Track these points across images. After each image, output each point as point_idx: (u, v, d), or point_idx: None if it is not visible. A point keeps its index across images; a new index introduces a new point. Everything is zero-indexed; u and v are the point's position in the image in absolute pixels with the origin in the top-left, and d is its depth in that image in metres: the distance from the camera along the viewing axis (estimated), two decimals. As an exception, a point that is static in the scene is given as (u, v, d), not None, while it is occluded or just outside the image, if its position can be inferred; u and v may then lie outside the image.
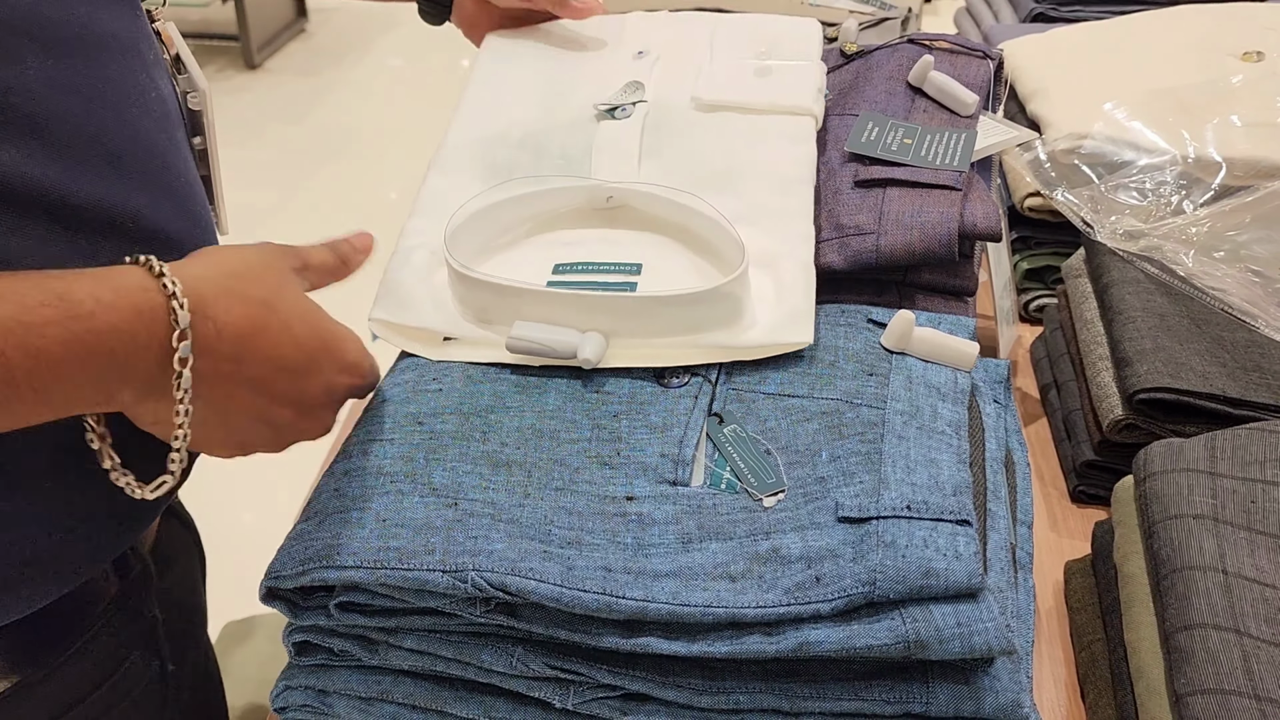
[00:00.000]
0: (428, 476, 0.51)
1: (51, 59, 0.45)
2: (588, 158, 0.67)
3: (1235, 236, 0.73)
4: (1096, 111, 0.87)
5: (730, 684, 0.44)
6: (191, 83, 0.61)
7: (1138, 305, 0.70)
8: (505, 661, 0.46)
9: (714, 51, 0.76)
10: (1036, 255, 0.92)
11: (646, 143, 0.68)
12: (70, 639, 0.55)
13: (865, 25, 1.04)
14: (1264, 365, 0.65)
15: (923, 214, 0.61)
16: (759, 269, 0.58)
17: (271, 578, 0.48)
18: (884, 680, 0.43)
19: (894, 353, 0.54)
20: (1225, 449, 0.56)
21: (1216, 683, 0.46)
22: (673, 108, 0.71)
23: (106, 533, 0.54)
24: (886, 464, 0.47)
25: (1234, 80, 0.88)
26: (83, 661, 0.56)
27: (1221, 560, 0.51)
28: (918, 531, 0.43)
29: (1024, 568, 0.53)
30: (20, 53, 0.44)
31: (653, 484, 0.49)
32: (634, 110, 0.70)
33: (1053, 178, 0.82)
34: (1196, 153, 0.82)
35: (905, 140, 0.67)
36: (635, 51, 0.77)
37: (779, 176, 0.64)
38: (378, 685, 0.50)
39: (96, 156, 0.48)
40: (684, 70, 0.74)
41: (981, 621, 0.40)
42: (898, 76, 0.75)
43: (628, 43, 0.78)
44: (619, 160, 0.66)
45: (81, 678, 0.56)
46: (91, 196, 0.47)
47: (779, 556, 0.44)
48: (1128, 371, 0.66)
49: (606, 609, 0.43)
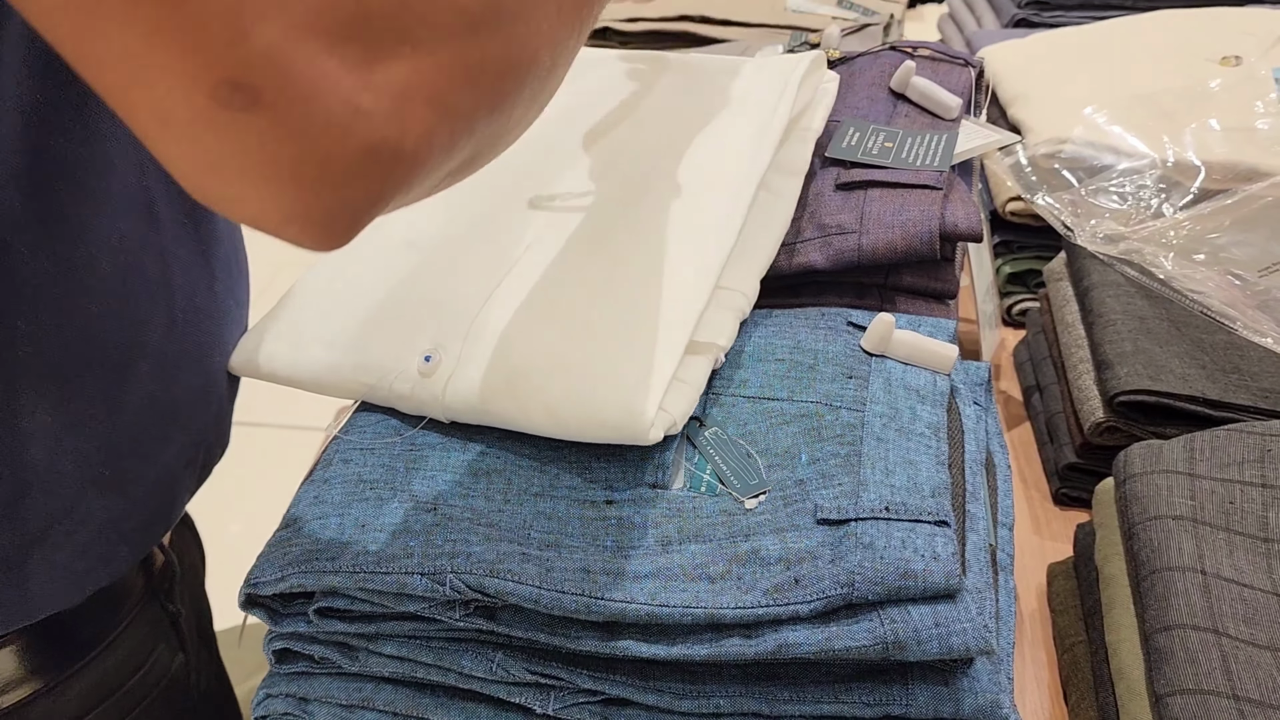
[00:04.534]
0: (407, 484, 0.51)
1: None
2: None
3: (1214, 239, 0.74)
4: (1077, 116, 0.88)
5: (710, 688, 0.44)
6: None
7: (1118, 308, 0.71)
8: (485, 667, 0.46)
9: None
10: (1019, 259, 0.92)
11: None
12: (104, 633, 0.57)
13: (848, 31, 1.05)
14: (1243, 367, 0.66)
15: (904, 213, 0.61)
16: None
17: (250, 584, 0.48)
18: (864, 683, 0.43)
19: (874, 355, 0.55)
20: (1204, 450, 0.57)
21: (1195, 683, 0.46)
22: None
23: (151, 527, 0.56)
24: (865, 466, 0.47)
25: (1212, 85, 0.89)
26: (114, 655, 0.58)
27: (1200, 561, 0.51)
28: (896, 533, 0.43)
29: (1004, 569, 0.53)
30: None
31: (632, 488, 0.49)
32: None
33: (1033, 182, 0.82)
34: (1176, 157, 0.82)
35: (886, 144, 0.67)
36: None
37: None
38: (358, 692, 0.50)
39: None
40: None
41: (959, 622, 0.40)
42: (880, 83, 0.76)
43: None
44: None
45: (112, 671, 0.58)
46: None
47: (758, 558, 0.44)
48: (1108, 374, 0.66)
49: (585, 610, 0.43)
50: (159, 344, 0.52)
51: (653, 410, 0.48)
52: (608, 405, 0.49)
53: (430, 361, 0.54)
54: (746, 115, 0.63)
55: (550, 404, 0.50)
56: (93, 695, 0.57)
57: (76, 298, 0.47)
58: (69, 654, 0.55)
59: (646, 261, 0.55)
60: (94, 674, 0.56)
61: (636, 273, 0.54)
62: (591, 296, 0.54)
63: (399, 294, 0.58)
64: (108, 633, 0.57)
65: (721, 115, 0.64)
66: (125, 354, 0.50)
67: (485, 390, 0.52)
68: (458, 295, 0.57)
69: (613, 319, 0.52)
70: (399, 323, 0.57)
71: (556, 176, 0.62)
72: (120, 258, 0.49)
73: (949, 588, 0.41)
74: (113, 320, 0.49)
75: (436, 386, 0.53)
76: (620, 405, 0.48)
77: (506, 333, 0.54)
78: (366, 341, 0.57)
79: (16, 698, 0.53)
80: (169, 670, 0.62)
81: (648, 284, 0.54)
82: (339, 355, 0.57)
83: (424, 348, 0.55)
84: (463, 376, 0.53)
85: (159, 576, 0.62)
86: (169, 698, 0.62)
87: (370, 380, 0.55)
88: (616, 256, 0.56)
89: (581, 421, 0.50)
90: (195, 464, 0.59)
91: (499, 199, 0.62)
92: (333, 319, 0.58)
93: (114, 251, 0.48)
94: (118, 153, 0.47)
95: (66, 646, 0.55)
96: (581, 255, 0.57)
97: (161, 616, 0.62)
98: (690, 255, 0.55)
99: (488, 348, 0.53)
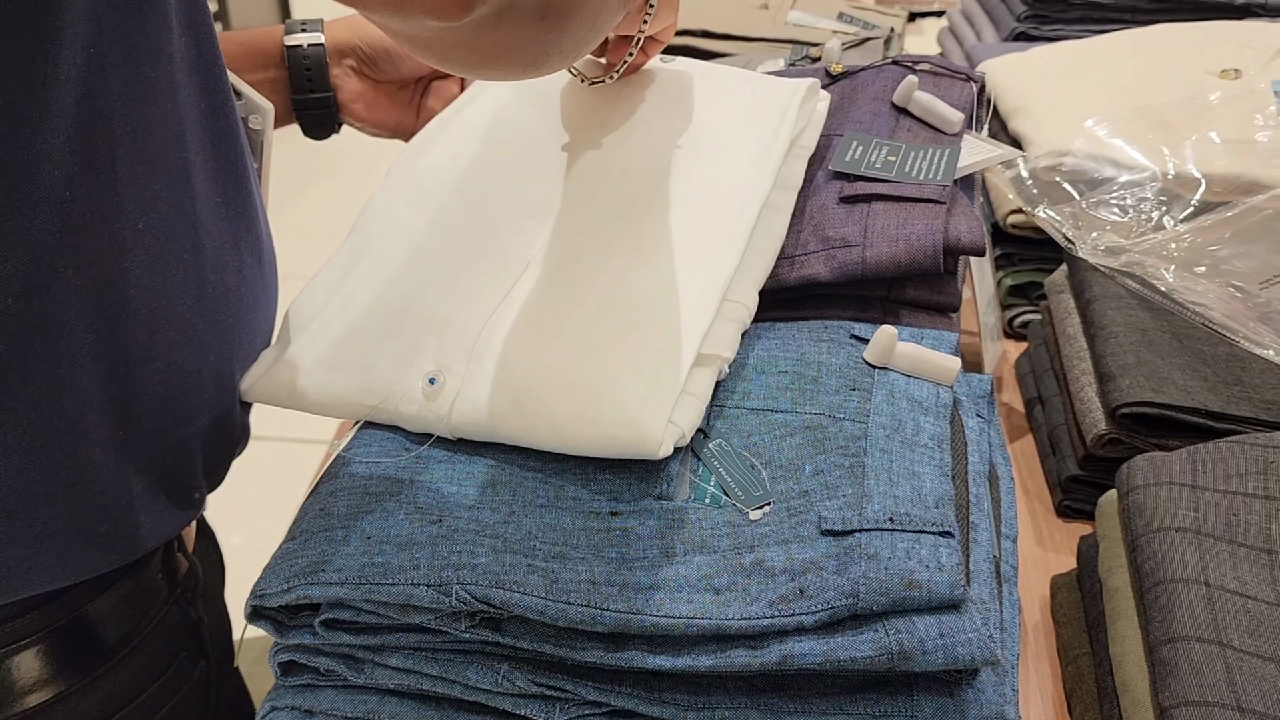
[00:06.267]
0: (413, 496, 0.51)
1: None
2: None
3: (1215, 252, 0.74)
4: (1077, 129, 0.88)
5: (716, 699, 0.44)
6: (252, 105, 0.62)
7: (1119, 320, 0.71)
8: (491, 679, 0.46)
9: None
10: (1020, 271, 0.93)
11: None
12: (128, 638, 0.57)
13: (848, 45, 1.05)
14: (1245, 379, 0.66)
15: (908, 226, 0.61)
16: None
17: (257, 596, 0.48)
18: (869, 694, 0.43)
19: (876, 368, 0.55)
20: (1207, 462, 0.57)
21: (1200, 695, 0.47)
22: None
23: (166, 514, 0.57)
24: (869, 477, 0.47)
25: (1212, 97, 0.90)
26: (137, 659, 0.58)
27: (1204, 573, 0.51)
28: (900, 543, 0.43)
29: (1009, 581, 0.53)
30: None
31: (637, 500, 0.49)
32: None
33: (1035, 194, 0.83)
34: (1176, 169, 0.83)
35: (889, 158, 0.68)
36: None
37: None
38: (364, 705, 0.50)
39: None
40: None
41: (964, 632, 0.40)
42: (883, 97, 0.76)
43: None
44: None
45: (135, 676, 0.58)
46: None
47: (763, 569, 0.44)
48: (1110, 386, 0.67)
49: (591, 621, 0.43)
50: (187, 315, 0.53)
51: (663, 425, 0.48)
52: (617, 422, 0.49)
53: (435, 384, 0.54)
54: (749, 135, 0.64)
55: (558, 422, 0.50)
56: (115, 700, 0.57)
57: (108, 250, 0.48)
58: (92, 657, 0.55)
59: (650, 277, 0.55)
60: (117, 678, 0.57)
61: (640, 288, 0.55)
62: (595, 313, 0.54)
63: (400, 312, 0.59)
64: (132, 637, 0.57)
65: (724, 135, 0.65)
66: (154, 317, 0.51)
67: (492, 411, 0.52)
68: (459, 313, 0.57)
69: (618, 335, 0.53)
70: (401, 343, 0.57)
71: (556, 192, 0.63)
72: (153, 216, 0.49)
73: (954, 598, 0.41)
74: (143, 278, 0.50)
75: (442, 408, 0.54)
76: (629, 421, 0.49)
77: (511, 351, 0.54)
78: (369, 363, 0.57)
79: (39, 700, 0.53)
80: (191, 677, 0.63)
81: (653, 299, 0.54)
82: (342, 378, 0.57)
83: (428, 369, 0.55)
84: (468, 397, 0.53)
85: (182, 582, 0.62)
86: (190, 705, 0.62)
87: (374, 403, 0.55)
88: (619, 272, 0.56)
89: (590, 439, 0.50)
90: (214, 449, 0.59)
91: (499, 214, 0.62)
92: (334, 340, 0.58)
93: (146, 207, 0.49)
94: (158, 118, 0.49)
95: (90, 650, 0.55)
96: (584, 271, 0.57)
97: (184, 623, 0.62)
98: (696, 271, 0.55)
99: (492, 367, 0.54)
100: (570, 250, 0.58)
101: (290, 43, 0.80)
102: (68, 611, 0.53)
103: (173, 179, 0.51)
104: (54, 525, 0.50)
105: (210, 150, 0.54)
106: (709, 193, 0.60)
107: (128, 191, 0.48)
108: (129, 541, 0.54)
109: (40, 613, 0.52)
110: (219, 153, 0.55)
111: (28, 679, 0.53)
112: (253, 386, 0.59)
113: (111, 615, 0.56)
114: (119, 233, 0.48)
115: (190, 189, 0.52)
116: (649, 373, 0.50)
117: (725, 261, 0.55)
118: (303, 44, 0.80)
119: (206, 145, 0.54)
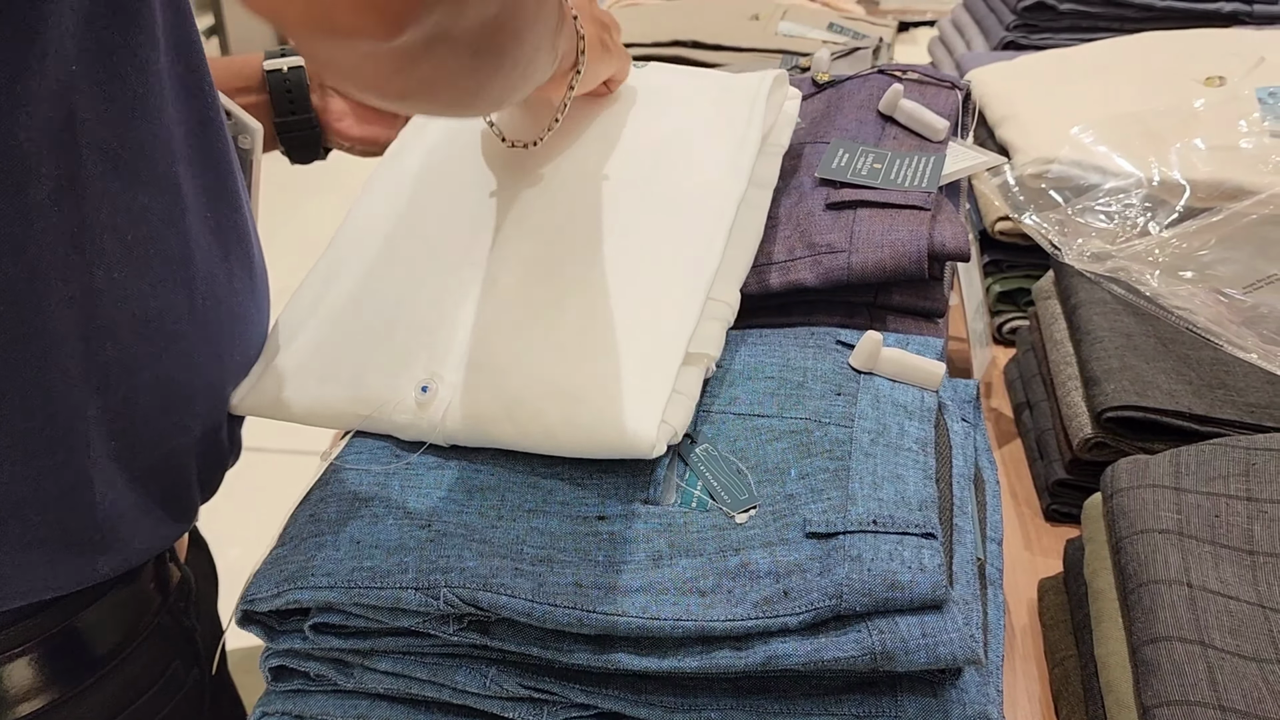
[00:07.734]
0: (402, 501, 0.52)
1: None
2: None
3: (1200, 257, 0.75)
4: (1064, 136, 0.89)
5: (702, 700, 0.45)
6: (241, 125, 0.63)
7: (1105, 325, 0.71)
8: (479, 682, 0.47)
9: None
10: (1008, 278, 0.93)
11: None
12: (121, 646, 0.57)
13: (838, 55, 1.06)
14: (1228, 382, 0.67)
15: (893, 233, 0.62)
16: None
17: (247, 601, 0.49)
18: (853, 694, 0.44)
19: (862, 373, 0.55)
20: (1190, 465, 0.57)
21: (1182, 694, 0.47)
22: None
23: (158, 525, 0.57)
24: (854, 480, 0.48)
25: (1197, 105, 0.90)
26: (131, 667, 0.58)
27: (1186, 574, 0.52)
28: (883, 545, 0.44)
29: (993, 583, 0.54)
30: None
31: (624, 504, 0.50)
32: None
33: (1021, 201, 0.83)
34: (1161, 176, 0.83)
35: (875, 165, 0.68)
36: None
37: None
38: (354, 709, 0.50)
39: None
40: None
41: (946, 632, 0.41)
42: (869, 105, 0.77)
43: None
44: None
45: (128, 685, 0.58)
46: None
47: (748, 572, 0.45)
48: (1096, 391, 0.67)
49: (578, 623, 0.44)
50: (178, 326, 0.53)
51: (655, 424, 0.49)
52: (609, 423, 0.50)
53: (427, 392, 0.55)
54: (720, 135, 0.65)
55: (550, 425, 0.51)
56: (108, 708, 0.57)
57: (97, 261, 0.48)
58: (85, 666, 0.56)
59: (635, 279, 0.56)
60: (111, 686, 0.57)
61: (626, 291, 0.55)
62: (583, 317, 0.55)
63: (386, 321, 0.59)
64: (124, 646, 0.57)
65: (697, 134, 0.65)
66: (145, 329, 0.51)
67: (485, 417, 0.53)
68: (446, 319, 0.58)
69: (607, 338, 0.53)
70: (390, 352, 0.57)
71: (537, 197, 0.63)
72: (142, 229, 0.50)
73: (936, 599, 0.42)
74: (133, 290, 0.50)
75: (435, 415, 0.54)
76: (621, 422, 0.49)
77: (501, 357, 0.54)
78: (359, 374, 0.57)
79: (32, 708, 0.53)
80: (184, 686, 0.63)
81: (639, 302, 0.55)
82: (333, 389, 0.57)
83: (419, 377, 0.56)
84: (460, 404, 0.54)
85: (175, 592, 0.62)
86: (183, 713, 0.63)
87: (367, 412, 0.56)
88: (604, 276, 0.57)
89: (583, 440, 0.50)
90: (207, 460, 0.59)
91: (481, 220, 0.63)
92: (322, 352, 0.59)
93: (135, 220, 0.49)
94: (146, 133, 0.49)
95: (82, 658, 0.55)
96: (569, 275, 0.57)
97: (178, 631, 0.62)
98: (680, 272, 0.56)
99: (483, 374, 0.54)
100: (554, 254, 0.59)
101: (269, 67, 0.81)
102: (60, 620, 0.54)
103: (162, 192, 0.51)
104: (45, 534, 0.50)
105: (200, 165, 0.55)
106: (687, 194, 0.61)
107: (117, 204, 0.48)
108: (121, 552, 0.54)
109: (32, 621, 0.53)
110: (208, 167, 0.56)
111: (20, 688, 0.53)
112: (243, 400, 0.59)
113: (104, 624, 0.56)
114: (108, 245, 0.48)
115: (180, 202, 0.53)
116: (639, 373, 0.51)
117: (707, 262, 0.56)
118: (282, 68, 0.81)
119: (196, 160, 0.54)
